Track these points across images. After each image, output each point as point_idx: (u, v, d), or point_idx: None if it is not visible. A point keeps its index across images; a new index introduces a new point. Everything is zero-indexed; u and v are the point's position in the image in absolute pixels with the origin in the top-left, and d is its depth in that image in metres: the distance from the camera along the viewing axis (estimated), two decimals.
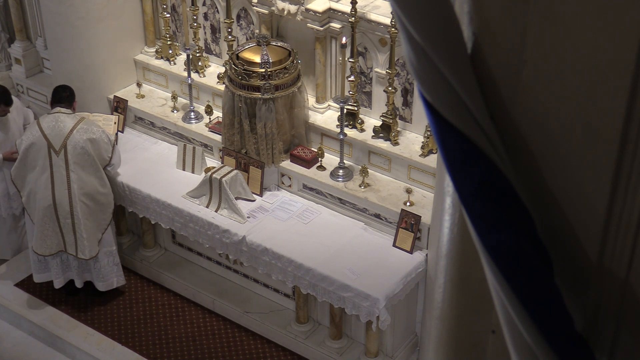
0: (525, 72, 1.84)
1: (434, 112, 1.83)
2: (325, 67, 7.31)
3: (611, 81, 1.73)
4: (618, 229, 1.84)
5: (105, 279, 7.75)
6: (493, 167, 1.81)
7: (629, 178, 1.78)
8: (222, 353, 7.47)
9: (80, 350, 7.58)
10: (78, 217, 7.37)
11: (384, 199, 6.98)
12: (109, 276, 7.75)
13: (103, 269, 7.70)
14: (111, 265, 7.72)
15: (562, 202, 1.89)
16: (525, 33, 1.80)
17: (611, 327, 1.94)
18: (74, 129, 7.29)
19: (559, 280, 1.86)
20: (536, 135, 1.88)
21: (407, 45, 1.80)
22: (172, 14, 8.21)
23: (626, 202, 1.80)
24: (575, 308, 1.91)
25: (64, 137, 7.27)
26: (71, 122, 7.33)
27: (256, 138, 7.21)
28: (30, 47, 9.11)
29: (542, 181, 1.90)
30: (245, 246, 7.03)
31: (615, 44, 1.70)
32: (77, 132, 7.28)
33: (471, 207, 1.82)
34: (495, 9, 1.84)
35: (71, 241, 7.48)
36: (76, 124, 7.32)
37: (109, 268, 7.71)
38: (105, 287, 7.80)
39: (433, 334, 2.33)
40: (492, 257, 1.81)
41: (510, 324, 1.86)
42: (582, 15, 1.72)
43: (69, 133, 7.28)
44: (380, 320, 6.53)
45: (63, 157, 7.28)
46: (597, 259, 1.90)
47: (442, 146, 1.85)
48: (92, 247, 7.51)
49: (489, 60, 1.87)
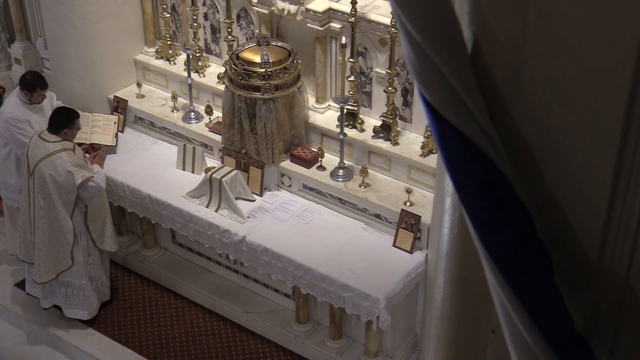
0: (525, 72, 1.84)
1: (434, 112, 1.83)
2: (325, 67, 7.31)
3: (611, 81, 1.73)
4: (618, 229, 1.84)
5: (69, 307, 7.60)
6: (493, 167, 1.81)
7: (629, 178, 1.78)
8: (222, 353, 7.47)
9: (80, 350, 7.58)
10: (37, 239, 7.29)
11: (384, 199, 6.98)
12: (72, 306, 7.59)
13: (67, 297, 7.54)
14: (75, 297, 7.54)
15: (562, 202, 1.89)
16: (525, 33, 1.80)
17: (611, 327, 1.94)
18: (43, 159, 7.08)
19: (559, 280, 1.86)
20: (536, 135, 1.88)
21: (407, 45, 1.81)
22: (172, 14, 8.21)
23: (626, 202, 1.80)
24: (575, 308, 1.91)
25: (34, 163, 7.13)
26: (45, 151, 7.08)
27: (256, 138, 7.21)
28: (30, 47, 9.12)
29: (542, 181, 1.90)
30: (245, 246, 7.03)
31: (615, 44, 1.70)
32: (44, 164, 7.08)
33: (471, 207, 1.82)
34: (495, 9, 1.84)
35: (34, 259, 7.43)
36: (46, 156, 7.07)
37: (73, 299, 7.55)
38: (70, 314, 7.66)
39: (433, 334, 2.34)
40: (492, 257, 1.81)
41: (510, 324, 1.86)
42: (582, 15, 1.72)
43: (39, 161, 7.10)
44: (380, 320, 6.53)
45: (32, 180, 7.19)
46: (597, 259, 1.90)
47: (442, 146, 1.85)
48: (45, 274, 7.35)
49: (489, 60, 1.87)
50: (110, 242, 7.58)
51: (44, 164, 7.08)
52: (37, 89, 7.57)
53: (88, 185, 7.16)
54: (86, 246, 7.40)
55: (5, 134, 7.66)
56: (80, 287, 7.48)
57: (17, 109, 7.59)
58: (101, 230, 7.47)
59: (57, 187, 7.09)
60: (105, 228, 7.51)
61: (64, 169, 7.06)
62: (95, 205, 7.36)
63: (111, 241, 7.58)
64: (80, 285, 7.47)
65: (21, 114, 7.57)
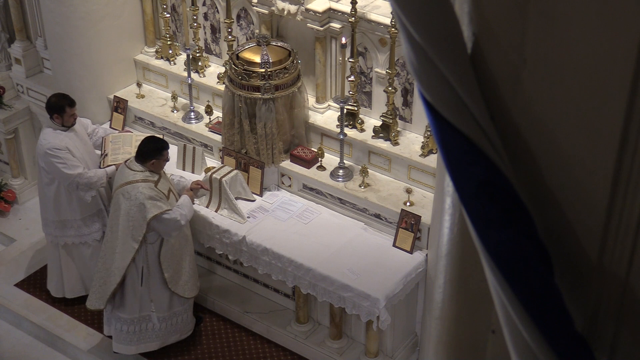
0: (525, 72, 1.84)
1: (434, 112, 1.83)
2: (325, 67, 7.31)
3: (611, 81, 1.73)
4: (618, 229, 1.84)
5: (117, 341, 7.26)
6: (493, 167, 1.81)
7: (629, 178, 1.78)
8: (222, 353, 7.46)
9: (80, 350, 7.58)
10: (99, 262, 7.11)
11: (384, 199, 6.98)
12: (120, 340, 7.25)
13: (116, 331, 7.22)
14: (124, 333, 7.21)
15: (562, 202, 1.89)
16: (525, 33, 1.80)
17: (611, 327, 1.94)
18: (122, 186, 6.84)
19: (559, 280, 1.86)
20: (536, 135, 1.88)
21: (407, 45, 1.81)
22: (172, 14, 8.21)
23: (626, 202, 1.80)
24: (575, 308, 1.92)
25: (115, 188, 6.93)
26: (124, 180, 6.84)
27: (256, 138, 7.21)
28: (30, 47, 9.11)
29: (542, 181, 1.90)
30: (245, 246, 7.03)
31: (615, 44, 1.70)
32: (120, 191, 6.82)
33: (471, 207, 1.82)
34: (495, 9, 1.84)
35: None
36: (125, 183, 6.82)
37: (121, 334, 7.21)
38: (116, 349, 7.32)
39: (433, 334, 2.34)
40: (492, 257, 1.81)
41: (510, 324, 1.86)
42: (582, 15, 1.72)
43: (117, 187, 6.87)
44: (381, 320, 6.53)
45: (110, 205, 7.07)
46: (597, 259, 1.90)
47: (442, 146, 1.85)
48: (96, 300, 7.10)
49: (489, 60, 1.87)
50: (186, 287, 7.14)
51: (121, 191, 6.83)
52: (66, 108, 7.26)
53: (163, 217, 6.78)
54: (148, 283, 7.02)
55: (48, 168, 7.31)
56: (130, 322, 7.15)
57: (53, 137, 7.25)
58: (176, 271, 7.04)
59: (127, 218, 6.80)
60: (182, 271, 7.08)
61: (137, 200, 6.76)
62: (173, 243, 6.96)
63: (187, 286, 7.14)
64: (132, 320, 7.13)
65: (58, 142, 7.22)
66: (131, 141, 7.60)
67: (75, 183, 7.28)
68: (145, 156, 6.84)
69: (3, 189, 9.18)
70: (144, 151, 6.86)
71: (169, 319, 7.22)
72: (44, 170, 7.37)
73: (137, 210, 6.77)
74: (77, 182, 7.27)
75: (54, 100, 7.36)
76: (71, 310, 7.87)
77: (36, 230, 8.82)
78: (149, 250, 6.93)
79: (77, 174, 7.22)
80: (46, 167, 7.31)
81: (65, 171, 7.21)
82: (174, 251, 6.99)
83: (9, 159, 9.29)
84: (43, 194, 7.56)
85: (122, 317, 7.15)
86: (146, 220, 6.75)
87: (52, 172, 7.32)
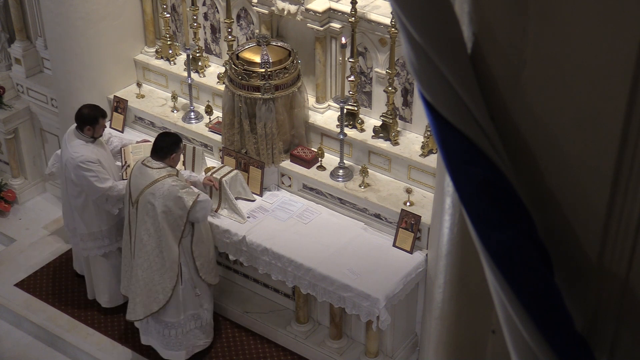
0: (525, 72, 1.84)
1: (434, 112, 1.83)
2: (325, 67, 7.31)
3: (611, 81, 1.73)
4: (618, 229, 1.84)
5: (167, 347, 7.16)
6: (493, 167, 1.81)
7: (629, 178, 1.78)
8: (222, 353, 7.46)
9: (80, 350, 7.58)
10: (136, 274, 6.91)
11: (384, 199, 6.98)
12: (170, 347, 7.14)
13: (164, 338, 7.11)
14: (172, 337, 7.11)
15: (562, 202, 1.89)
16: (525, 33, 1.80)
17: (611, 327, 1.94)
18: (148, 186, 6.71)
19: (559, 280, 1.86)
20: (536, 135, 1.88)
21: (407, 45, 1.81)
22: (172, 14, 8.21)
23: (626, 202, 1.80)
24: (575, 308, 1.92)
25: (138, 192, 6.77)
26: (149, 179, 6.73)
27: (256, 138, 7.21)
28: (30, 47, 9.11)
29: (542, 181, 1.90)
30: (245, 246, 7.03)
31: (615, 44, 1.70)
32: (149, 192, 6.70)
33: (471, 207, 1.82)
34: (495, 9, 1.84)
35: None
36: (151, 184, 6.71)
37: (170, 340, 7.11)
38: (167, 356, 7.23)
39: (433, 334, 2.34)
40: (492, 257, 1.81)
41: (510, 324, 1.86)
42: (582, 15, 1.72)
43: (143, 190, 6.73)
44: (381, 320, 6.53)
45: (135, 210, 6.81)
46: (597, 259, 1.90)
47: (442, 146, 1.85)
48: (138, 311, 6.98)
49: (489, 60, 1.87)
50: (213, 273, 7.16)
51: (149, 192, 6.71)
52: (99, 119, 7.14)
53: (199, 201, 6.77)
54: (190, 278, 6.98)
55: (78, 181, 7.15)
56: (177, 325, 7.07)
57: (85, 150, 7.11)
58: (206, 259, 7.05)
59: (166, 215, 6.71)
60: (210, 257, 7.12)
61: (172, 195, 6.69)
62: (202, 230, 6.96)
63: (213, 272, 7.17)
64: (178, 322, 7.06)
65: (91, 155, 7.09)
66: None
67: (106, 196, 7.20)
68: (165, 151, 6.81)
69: (3, 189, 9.18)
70: (163, 146, 6.82)
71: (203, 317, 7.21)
72: (72, 182, 7.23)
73: (174, 204, 6.70)
74: (108, 195, 7.18)
75: (87, 112, 7.18)
76: (71, 310, 7.87)
77: (36, 230, 8.84)
78: (184, 245, 6.89)
79: (108, 187, 7.14)
80: (77, 179, 7.16)
81: (98, 184, 7.10)
82: (203, 239, 7.00)
83: (9, 159, 9.29)
84: (68, 206, 7.44)
85: (169, 322, 7.06)
86: (187, 210, 6.71)
87: (81, 185, 7.17)
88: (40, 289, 8.08)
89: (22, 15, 9.00)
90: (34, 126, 9.23)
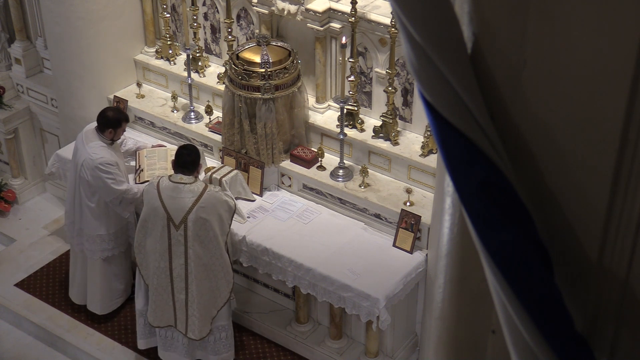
0: (525, 72, 1.84)
1: (434, 112, 1.84)
2: (325, 67, 7.31)
3: (611, 81, 1.73)
4: (618, 229, 1.84)
5: (218, 353, 7.13)
6: (493, 167, 1.81)
7: (629, 178, 1.78)
8: None
9: (80, 350, 7.58)
10: (192, 294, 6.78)
11: (384, 199, 6.98)
12: (221, 351, 7.12)
13: (216, 342, 7.08)
14: (222, 340, 7.10)
15: (562, 202, 1.89)
16: (525, 33, 1.80)
17: (611, 327, 1.94)
18: (195, 204, 6.60)
19: (559, 280, 1.86)
20: (536, 135, 1.88)
21: (407, 45, 1.81)
22: (172, 14, 8.21)
23: (626, 202, 1.80)
24: (575, 308, 1.92)
25: (185, 212, 6.60)
26: (192, 196, 6.60)
27: (256, 138, 7.21)
28: (30, 47, 9.11)
29: (542, 181, 1.90)
30: (245, 246, 7.03)
31: (615, 44, 1.70)
32: (198, 207, 6.59)
33: (471, 207, 1.82)
34: (495, 9, 1.84)
35: (182, 318, 6.90)
36: (197, 199, 6.60)
37: (220, 343, 7.09)
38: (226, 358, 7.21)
39: (433, 334, 2.34)
40: (492, 257, 1.81)
41: (510, 324, 1.86)
42: (582, 15, 1.72)
43: (191, 208, 6.59)
44: (381, 320, 6.53)
45: (182, 232, 6.64)
46: (597, 259, 1.90)
47: (442, 146, 1.85)
48: (204, 326, 6.92)
49: (489, 60, 1.87)
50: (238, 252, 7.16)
51: (199, 206, 6.60)
52: (122, 123, 7.16)
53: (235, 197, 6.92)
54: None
55: (94, 182, 7.11)
56: (228, 328, 7.10)
57: (105, 152, 7.10)
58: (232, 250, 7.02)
59: (220, 225, 6.68)
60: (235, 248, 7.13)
61: (219, 201, 6.66)
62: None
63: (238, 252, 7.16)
64: (229, 325, 7.09)
65: (111, 157, 7.10)
66: (166, 156, 7.52)
67: (121, 198, 7.18)
68: (195, 164, 6.77)
69: (3, 189, 9.18)
70: (190, 161, 6.72)
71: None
72: (87, 183, 7.19)
73: (225, 209, 6.70)
74: (123, 197, 7.17)
75: (111, 115, 7.19)
76: (71, 310, 7.86)
77: (36, 230, 8.83)
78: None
79: (124, 190, 7.12)
80: (93, 181, 7.13)
81: (114, 187, 7.08)
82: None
83: (9, 159, 9.29)
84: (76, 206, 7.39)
85: (219, 325, 7.03)
86: (232, 210, 6.75)
87: (96, 187, 7.14)
88: (40, 289, 8.08)
89: (22, 15, 9.00)
90: (34, 126, 9.23)
